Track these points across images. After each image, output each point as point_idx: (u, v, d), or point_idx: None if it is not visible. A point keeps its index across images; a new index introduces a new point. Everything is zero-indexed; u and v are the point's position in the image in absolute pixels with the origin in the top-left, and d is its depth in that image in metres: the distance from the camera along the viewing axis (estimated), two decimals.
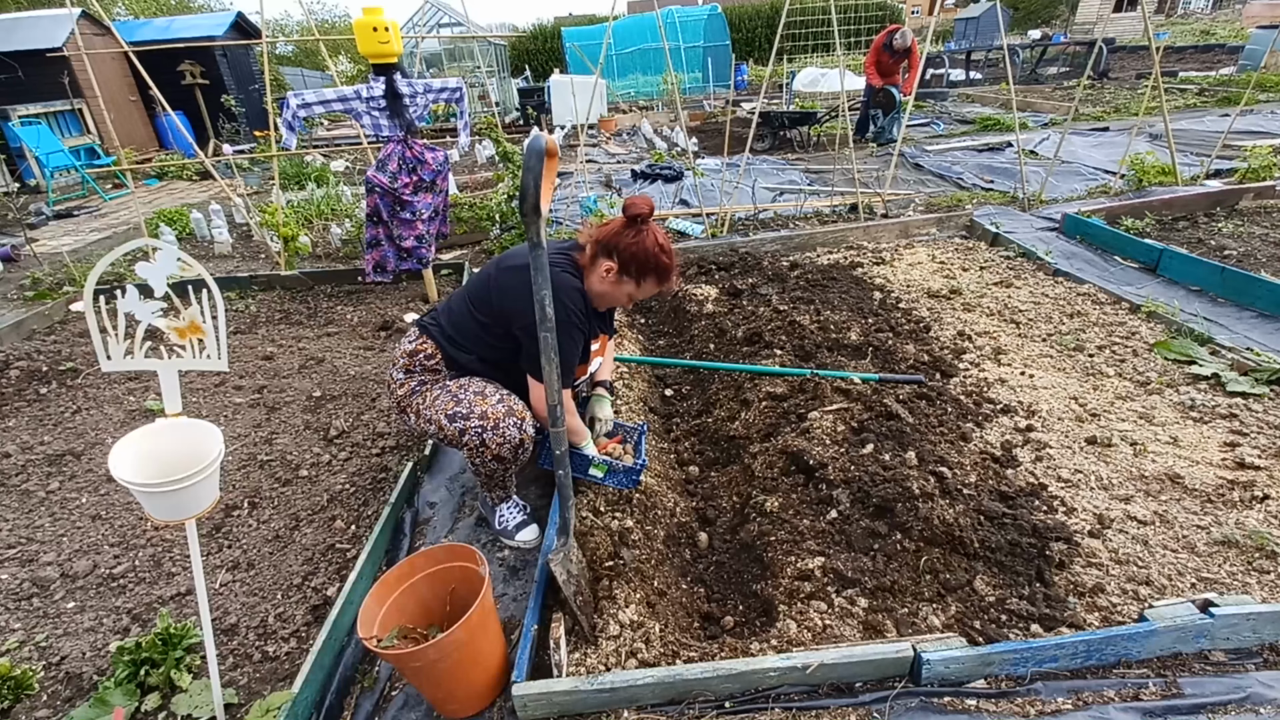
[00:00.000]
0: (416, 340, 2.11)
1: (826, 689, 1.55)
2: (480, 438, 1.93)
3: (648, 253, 1.90)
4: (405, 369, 2.11)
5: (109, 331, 1.32)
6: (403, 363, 2.11)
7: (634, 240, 1.89)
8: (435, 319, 2.14)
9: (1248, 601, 1.62)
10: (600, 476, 2.11)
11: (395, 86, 3.74)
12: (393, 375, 2.14)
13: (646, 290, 1.99)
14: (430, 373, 2.10)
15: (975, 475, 2.15)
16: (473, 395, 1.97)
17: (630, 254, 1.90)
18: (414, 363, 2.09)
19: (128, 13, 21.34)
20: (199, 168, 9.72)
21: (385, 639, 1.54)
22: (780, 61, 13.78)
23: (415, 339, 2.12)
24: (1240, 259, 3.94)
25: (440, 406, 1.98)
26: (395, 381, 2.13)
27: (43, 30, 9.96)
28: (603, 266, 1.94)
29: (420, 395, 2.07)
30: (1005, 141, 7.86)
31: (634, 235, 1.89)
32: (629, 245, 1.89)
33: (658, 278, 1.95)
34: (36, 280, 5.00)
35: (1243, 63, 11.55)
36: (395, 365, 2.14)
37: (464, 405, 1.95)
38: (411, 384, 2.10)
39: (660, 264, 1.92)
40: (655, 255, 1.91)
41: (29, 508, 2.49)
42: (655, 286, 1.98)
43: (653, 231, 1.92)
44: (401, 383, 2.12)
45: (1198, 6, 29.60)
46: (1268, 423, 2.41)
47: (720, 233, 5.11)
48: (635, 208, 1.89)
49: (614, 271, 1.93)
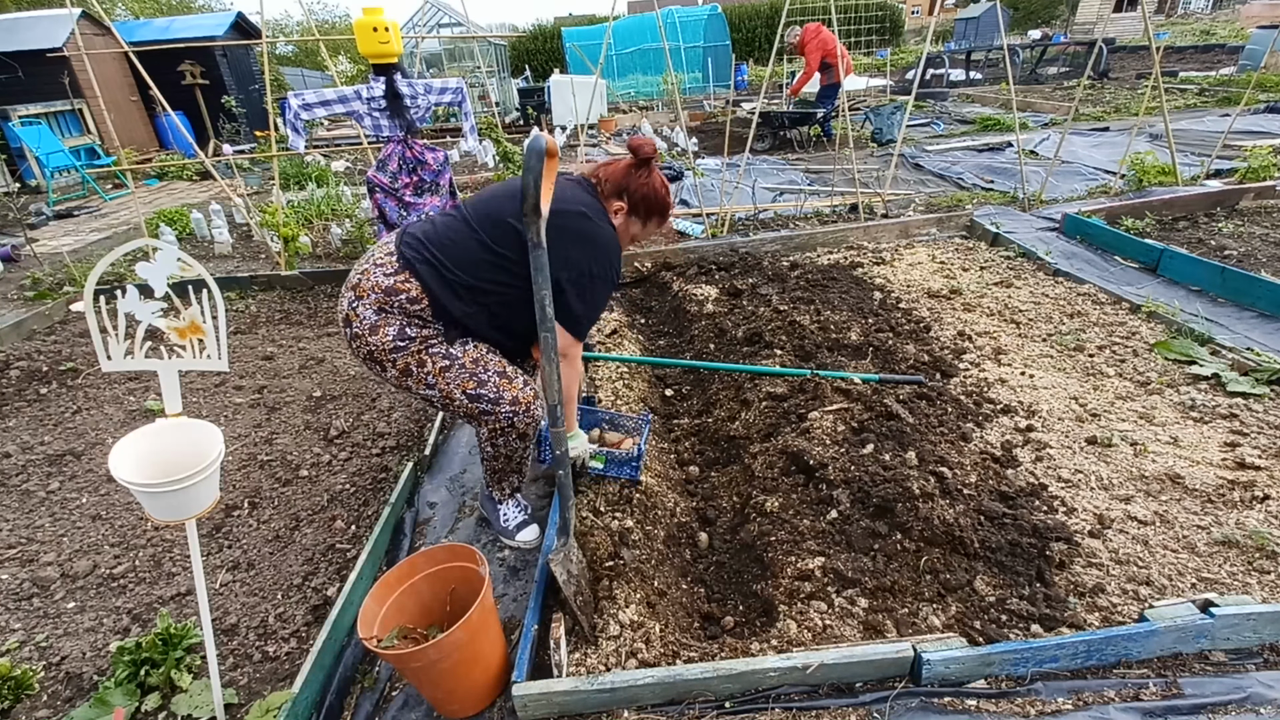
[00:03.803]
0: (397, 276, 1.76)
1: (827, 689, 1.55)
2: (510, 420, 1.90)
3: (657, 193, 1.93)
4: (379, 307, 1.76)
5: (109, 331, 1.32)
6: (375, 299, 1.76)
7: (645, 181, 1.91)
8: (423, 250, 1.79)
9: (1248, 602, 1.62)
10: (600, 468, 2.11)
11: (395, 87, 3.73)
12: (359, 312, 1.77)
13: (649, 231, 2.02)
14: (413, 320, 1.78)
15: (975, 475, 2.15)
16: (496, 377, 1.86)
17: (641, 195, 1.91)
18: (391, 303, 1.76)
19: (128, 13, 21.34)
20: (199, 168, 9.71)
21: (385, 639, 1.54)
22: (780, 61, 13.77)
23: (394, 274, 1.76)
24: (1240, 259, 3.94)
25: (455, 381, 1.82)
26: (362, 320, 1.77)
27: (43, 30, 9.96)
28: (613, 207, 1.93)
29: (414, 357, 1.80)
30: (1005, 141, 7.85)
31: (645, 176, 1.91)
32: (640, 186, 1.90)
33: (660, 218, 1.99)
34: (37, 280, 5.00)
35: (1243, 63, 11.54)
36: (363, 299, 1.77)
37: (489, 388, 1.84)
38: (390, 331, 1.77)
39: (665, 204, 1.97)
40: (663, 196, 1.94)
41: (29, 508, 2.49)
42: (656, 227, 2.02)
43: (656, 172, 1.95)
44: (374, 325, 1.77)
45: (1198, 6, 29.60)
46: (1268, 423, 2.41)
47: (720, 233, 5.11)
48: (644, 149, 1.90)
49: (624, 212, 1.93)
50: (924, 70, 10.48)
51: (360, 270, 1.82)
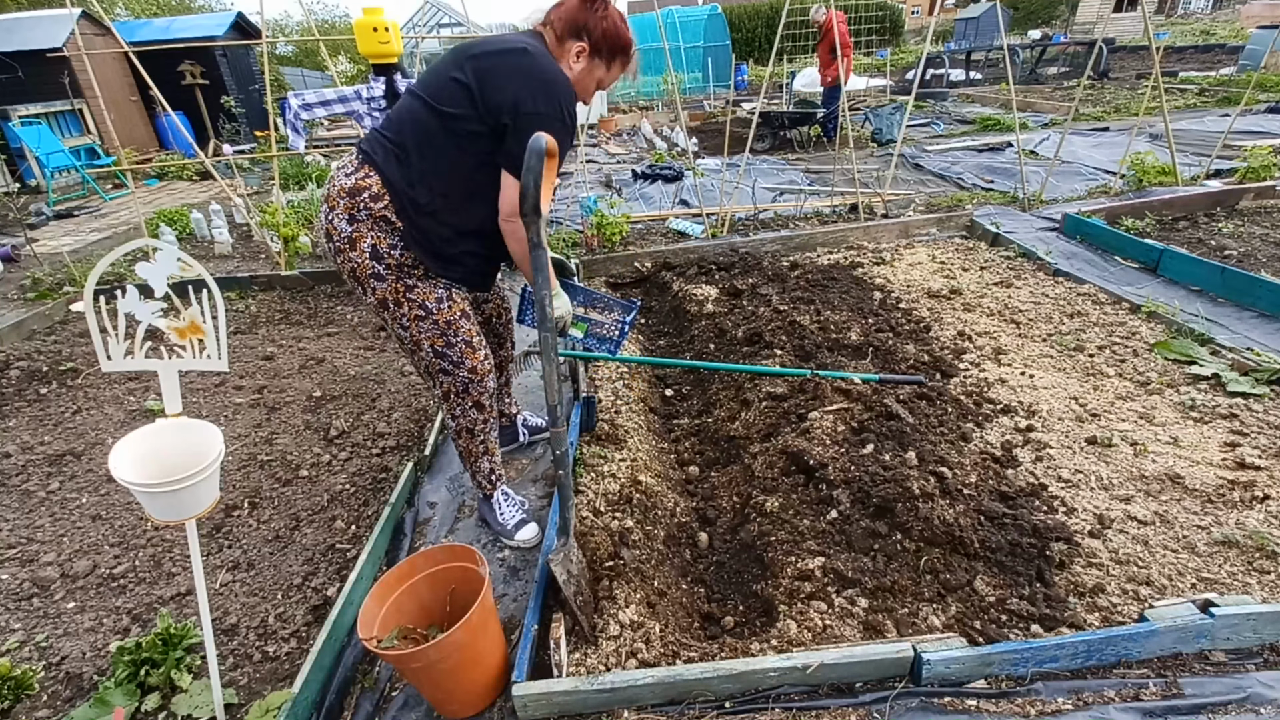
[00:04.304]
0: (357, 174, 1.73)
1: (827, 689, 1.55)
2: (466, 386, 1.97)
3: (618, 29, 1.78)
4: (348, 214, 1.73)
5: (109, 332, 1.32)
6: (343, 204, 1.73)
7: (604, 15, 1.76)
8: (379, 137, 1.77)
9: (1248, 602, 1.62)
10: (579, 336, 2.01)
11: (395, 87, 3.74)
12: (335, 224, 1.76)
13: (613, 75, 1.86)
14: (381, 224, 1.73)
15: (975, 475, 2.15)
16: (463, 344, 1.90)
17: (602, 31, 1.76)
18: (357, 206, 1.72)
19: (128, 13, 21.34)
20: (199, 168, 9.71)
21: (385, 639, 1.54)
22: (780, 61, 13.77)
23: (355, 171, 1.74)
24: (1240, 259, 3.94)
25: (426, 333, 1.86)
26: (339, 233, 1.76)
27: (43, 30, 9.96)
28: (573, 50, 1.76)
29: (392, 293, 1.80)
30: (1005, 141, 7.85)
31: (603, 9, 1.76)
32: (599, 22, 1.75)
33: (624, 58, 1.84)
34: (37, 280, 5.00)
35: (1243, 63, 11.54)
36: (334, 209, 1.75)
37: (455, 351, 1.90)
38: (365, 245, 1.74)
39: (628, 41, 1.81)
40: (624, 32, 1.79)
41: (29, 508, 2.49)
42: (620, 69, 1.86)
43: (613, 6, 1.80)
44: (350, 238, 1.74)
45: (1198, 6, 29.60)
46: (1268, 423, 2.41)
47: (720, 233, 5.10)
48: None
49: (585, 54, 1.77)
50: (924, 70, 10.48)
51: (329, 180, 1.83)
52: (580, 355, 2.33)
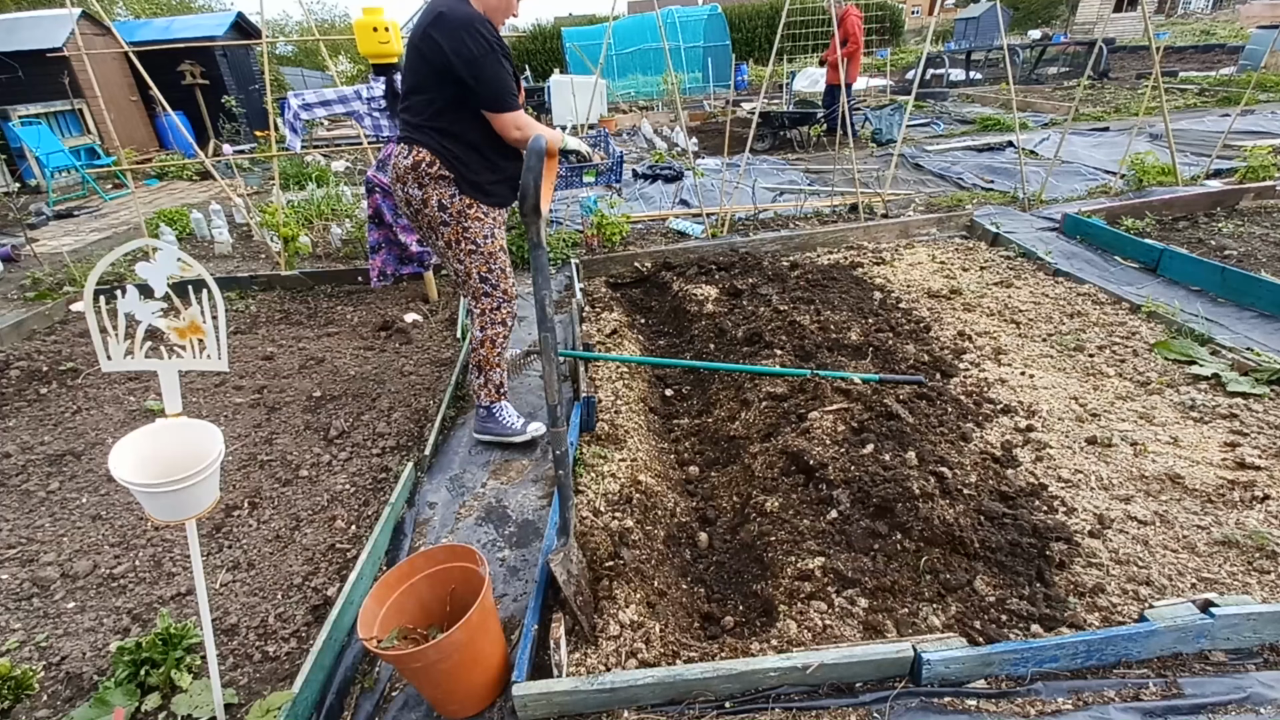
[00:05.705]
0: (412, 153, 2.26)
1: (827, 689, 1.55)
2: (499, 304, 2.52)
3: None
4: (417, 183, 2.28)
5: (109, 331, 1.32)
6: (412, 177, 2.28)
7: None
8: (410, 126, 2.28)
9: (1248, 601, 1.62)
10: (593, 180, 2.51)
11: (395, 86, 3.74)
12: (410, 193, 2.31)
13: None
14: (440, 181, 2.26)
15: (975, 475, 2.15)
16: (500, 270, 2.46)
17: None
18: (421, 174, 2.26)
19: (128, 13, 21.33)
20: (199, 168, 9.71)
21: (385, 639, 1.54)
22: (780, 61, 13.77)
23: (409, 153, 2.27)
24: (1240, 259, 3.94)
25: (476, 264, 2.41)
26: (415, 199, 2.31)
27: (43, 30, 9.96)
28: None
29: (454, 233, 2.35)
30: (1005, 141, 7.85)
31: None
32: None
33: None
34: (37, 280, 5.01)
35: (1243, 63, 11.54)
36: (405, 182, 2.30)
37: (494, 275, 2.46)
38: (433, 201, 2.28)
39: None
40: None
41: (29, 508, 2.49)
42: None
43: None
44: (422, 200, 2.29)
45: (1198, 6, 29.60)
46: (1268, 423, 2.41)
47: (720, 233, 5.10)
48: None
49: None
50: (924, 70, 10.48)
51: (390, 169, 2.39)
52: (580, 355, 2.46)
